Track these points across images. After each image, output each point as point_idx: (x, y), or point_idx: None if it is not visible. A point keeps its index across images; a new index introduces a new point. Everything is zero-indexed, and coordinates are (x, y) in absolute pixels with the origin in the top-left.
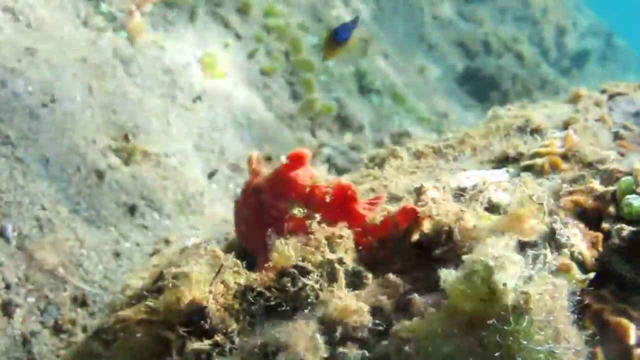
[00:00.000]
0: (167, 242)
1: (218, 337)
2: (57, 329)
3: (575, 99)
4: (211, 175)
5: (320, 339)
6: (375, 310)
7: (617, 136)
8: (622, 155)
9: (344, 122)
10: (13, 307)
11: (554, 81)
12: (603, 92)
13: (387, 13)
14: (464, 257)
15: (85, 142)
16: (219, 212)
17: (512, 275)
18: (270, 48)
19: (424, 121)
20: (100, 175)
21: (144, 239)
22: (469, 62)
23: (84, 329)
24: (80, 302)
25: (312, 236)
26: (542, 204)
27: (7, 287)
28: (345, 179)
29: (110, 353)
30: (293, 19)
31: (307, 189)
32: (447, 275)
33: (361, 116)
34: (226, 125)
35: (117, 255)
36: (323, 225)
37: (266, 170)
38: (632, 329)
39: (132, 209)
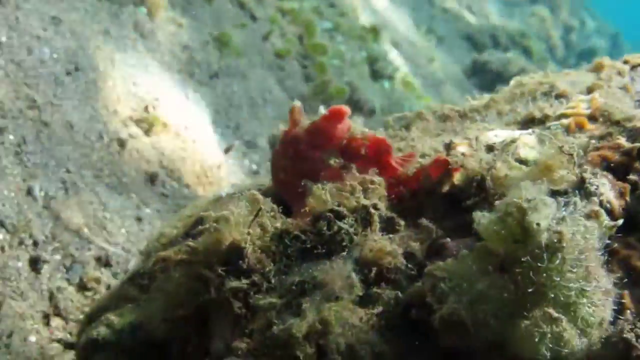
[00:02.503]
0: None
1: (255, 277)
2: (82, 286)
3: (598, 69)
4: (227, 150)
5: (356, 278)
6: (408, 255)
7: (639, 105)
8: None
9: (355, 105)
10: (41, 263)
11: None
12: (625, 62)
13: (397, 3)
14: (497, 202)
15: (107, 111)
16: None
17: (545, 216)
18: (285, 31)
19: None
20: (121, 143)
21: (164, 207)
22: (477, 55)
23: (108, 288)
24: (104, 262)
25: (346, 182)
26: (572, 154)
27: (35, 243)
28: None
29: (146, 296)
30: (307, 2)
31: (344, 141)
32: (481, 217)
33: (372, 100)
34: (242, 103)
35: (139, 219)
36: (354, 172)
37: (305, 122)
38: None
39: (152, 178)
